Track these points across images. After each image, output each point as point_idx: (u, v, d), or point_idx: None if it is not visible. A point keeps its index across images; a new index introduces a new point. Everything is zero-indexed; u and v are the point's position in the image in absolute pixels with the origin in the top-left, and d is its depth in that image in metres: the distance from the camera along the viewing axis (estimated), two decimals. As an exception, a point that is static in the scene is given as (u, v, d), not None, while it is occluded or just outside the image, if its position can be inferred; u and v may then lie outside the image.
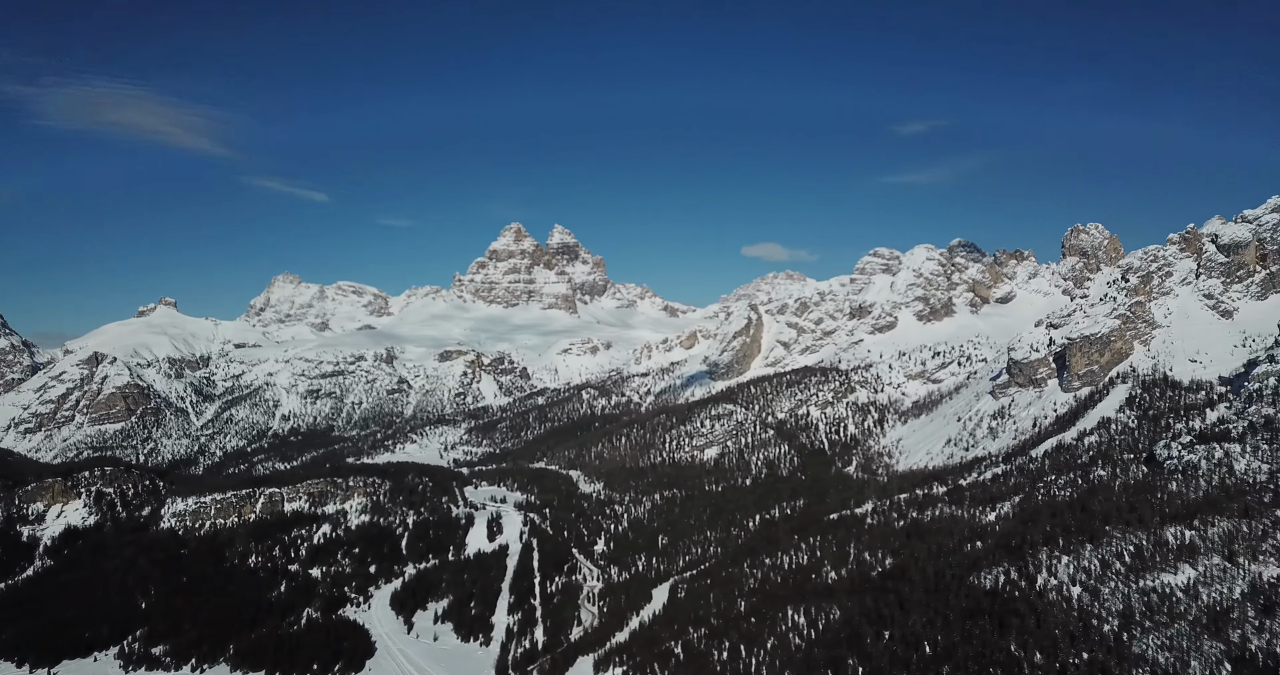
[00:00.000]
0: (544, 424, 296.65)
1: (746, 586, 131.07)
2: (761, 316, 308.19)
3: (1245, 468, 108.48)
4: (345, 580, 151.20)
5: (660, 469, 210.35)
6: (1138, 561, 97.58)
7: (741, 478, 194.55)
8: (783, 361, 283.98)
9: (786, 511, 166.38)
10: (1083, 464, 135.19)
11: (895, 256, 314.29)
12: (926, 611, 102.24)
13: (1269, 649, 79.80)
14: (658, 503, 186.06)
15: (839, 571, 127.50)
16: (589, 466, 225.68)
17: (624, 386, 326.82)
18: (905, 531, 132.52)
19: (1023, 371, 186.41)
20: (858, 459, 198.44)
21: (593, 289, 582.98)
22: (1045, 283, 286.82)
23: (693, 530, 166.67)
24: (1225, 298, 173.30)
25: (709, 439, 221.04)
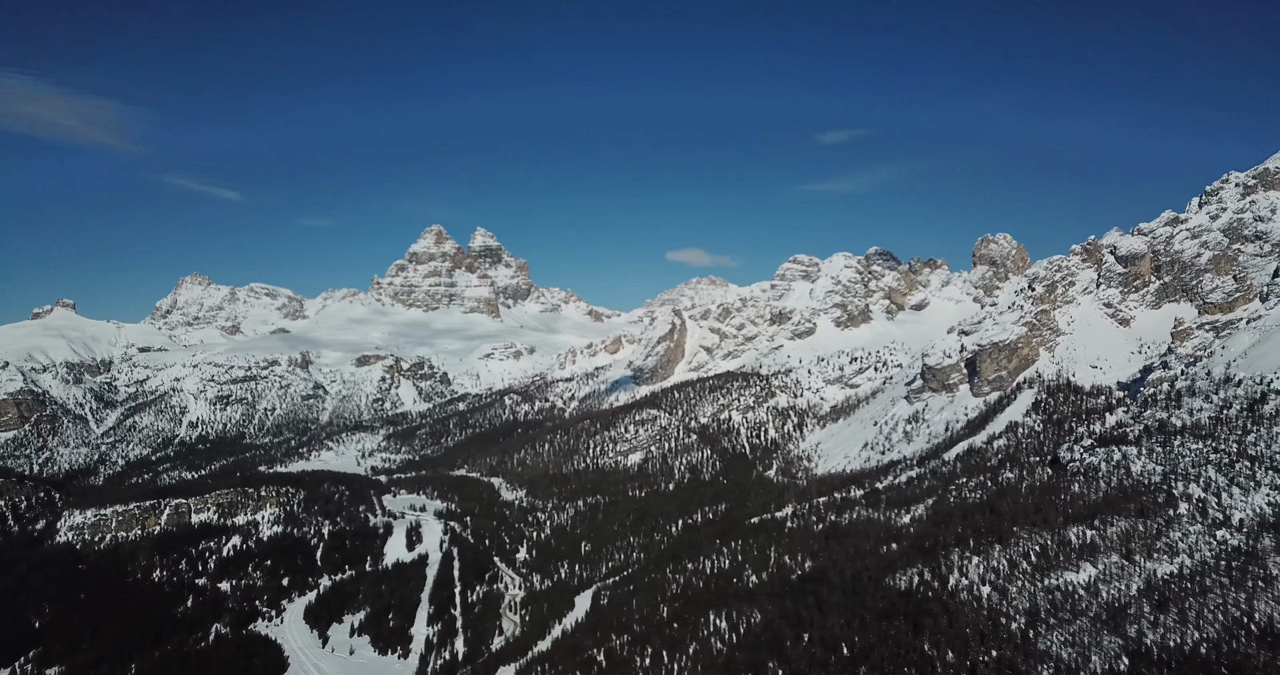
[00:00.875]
0: (465, 430, 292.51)
1: (669, 592, 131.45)
2: (685, 322, 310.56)
3: (1141, 469, 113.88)
4: (256, 593, 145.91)
5: (584, 475, 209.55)
6: (1043, 561, 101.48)
7: (665, 483, 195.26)
8: (706, 366, 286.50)
9: (709, 516, 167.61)
10: (992, 467, 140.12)
11: (815, 263, 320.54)
12: (844, 613, 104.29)
13: (1163, 643, 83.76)
14: (581, 509, 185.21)
15: (760, 575, 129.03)
16: (511, 473, 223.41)
17: (548, 392, 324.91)
18: (824, 534, 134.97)
19: (936, 377, 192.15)
20: (778, 463, 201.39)
21: (516, 293, 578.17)
22: (957, 290, 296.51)
23: (616, 536, 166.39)
24: (1123, 306, 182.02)
25: (633, 444, 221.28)
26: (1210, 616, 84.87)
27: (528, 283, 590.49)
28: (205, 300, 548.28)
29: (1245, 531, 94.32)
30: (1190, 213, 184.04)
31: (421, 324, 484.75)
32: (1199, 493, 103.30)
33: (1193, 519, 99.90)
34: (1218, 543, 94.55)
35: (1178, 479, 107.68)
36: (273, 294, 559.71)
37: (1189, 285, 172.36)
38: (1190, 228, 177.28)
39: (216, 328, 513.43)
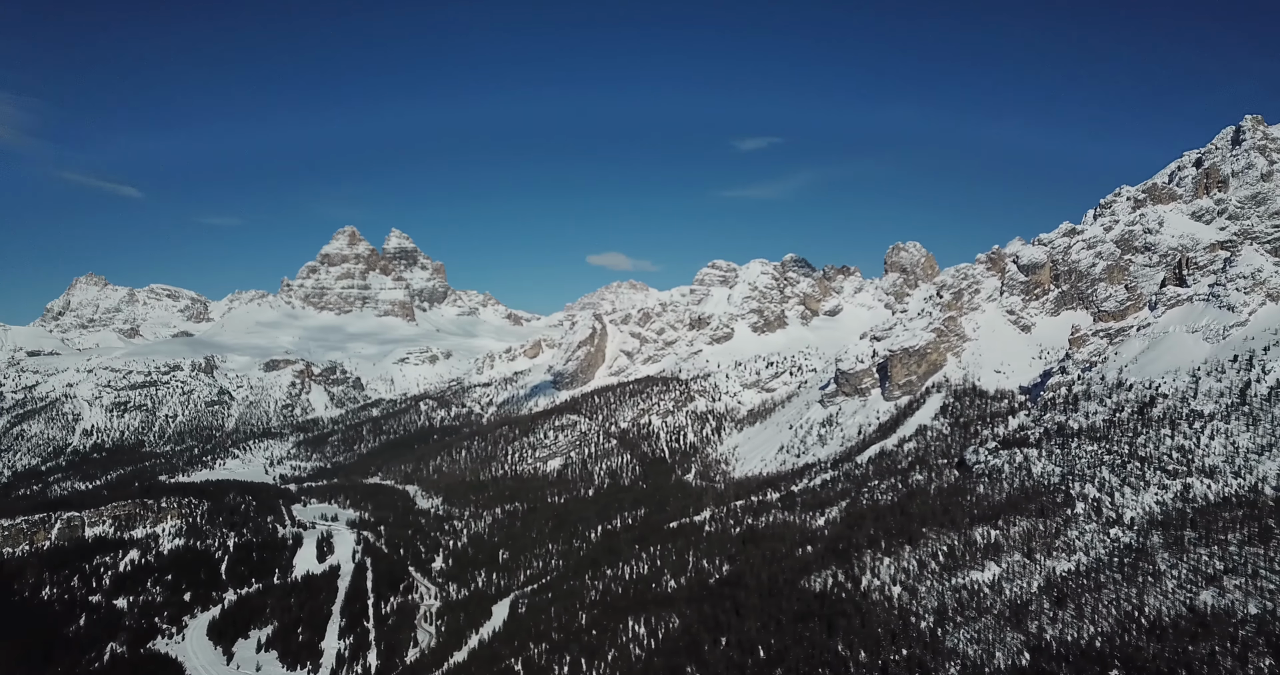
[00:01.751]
0: (379, 437, 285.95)
1: (588, 599, 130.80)
2: (606, 326, 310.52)
3: (1041, 471, 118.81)
4: (156, 610, 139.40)
5: (502, 482, 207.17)
6: (950, 560, 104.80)
7: (584, 488, 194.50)
8: (626, 371, 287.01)
9: (628, 521, 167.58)
10: (902, 469, 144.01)
11: (732, 269, 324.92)
12: (761, 616, 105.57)
13: (1062, 637, 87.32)
14: (499, 517, 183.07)
15: (679, 580, 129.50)
16: (427, 481, 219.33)
17: (465, 397, 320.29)
18: (741, 538, 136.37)
19: (849, 381, 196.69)
20: (697, 467, 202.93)
21: (432, 296, 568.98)
22: (869, 297, 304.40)
23: (535, 544, 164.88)
24: (1025, 313, 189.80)
25: (552, 450, 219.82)
26: (1104, 611, 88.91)
27: (444, 285, 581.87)
28: (101, 302, 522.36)
29: (1136, 529, 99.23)
30: (1086, 224, 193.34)
31: (334, 328, 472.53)
32: (1094, 492, 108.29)
33: (1088, 518, 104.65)
34: (1111, 540, 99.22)
35: (1075, 479, 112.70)
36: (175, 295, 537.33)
37: (1085, 294, 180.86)
38: (1086, 239, 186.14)
39: (114, 330, 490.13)
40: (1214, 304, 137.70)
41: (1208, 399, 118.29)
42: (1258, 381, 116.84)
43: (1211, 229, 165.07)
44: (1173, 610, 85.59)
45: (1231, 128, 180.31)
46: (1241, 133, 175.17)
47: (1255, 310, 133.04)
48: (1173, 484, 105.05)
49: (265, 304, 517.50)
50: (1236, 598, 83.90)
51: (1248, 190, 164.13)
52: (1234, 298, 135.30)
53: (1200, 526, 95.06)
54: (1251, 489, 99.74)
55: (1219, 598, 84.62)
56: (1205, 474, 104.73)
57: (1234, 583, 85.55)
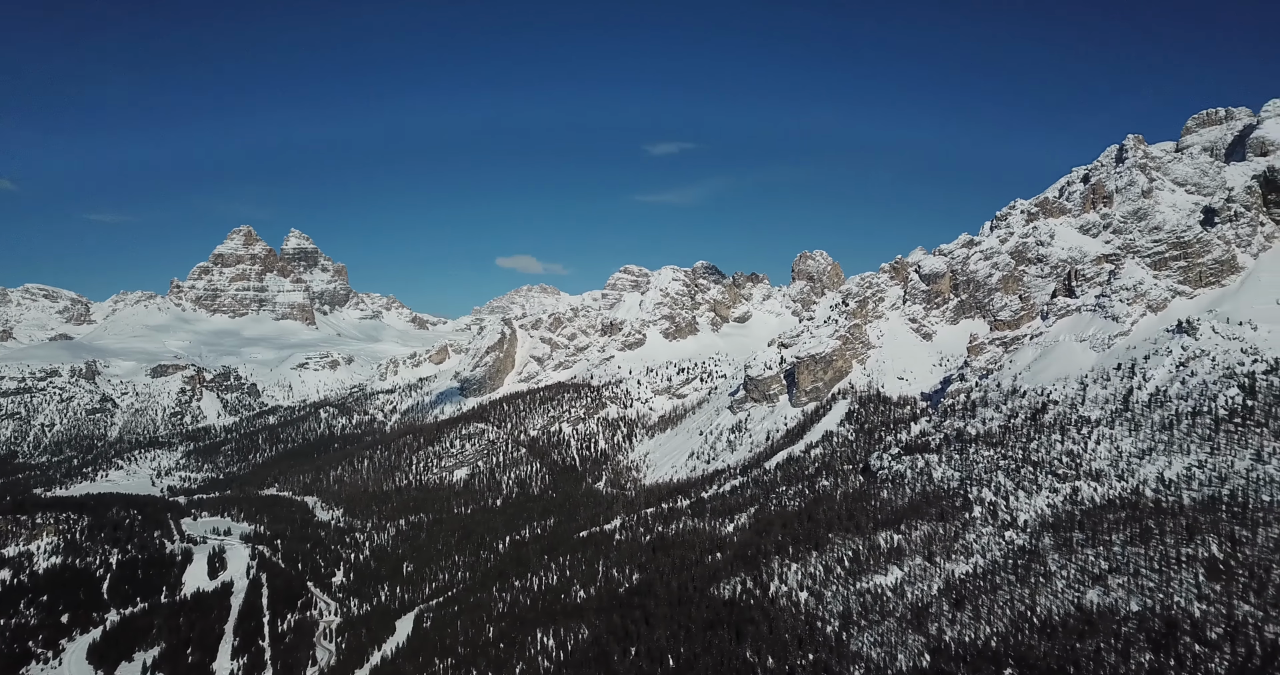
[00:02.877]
0: (276, 446, 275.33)
1: (496, 611, 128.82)
2: (516, 331, 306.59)
3: (941, 476, 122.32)
4: (29, 633, 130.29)
5: (406, 492, 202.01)
6: (855, 565, 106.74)
7: (492, 498, 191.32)
8: (536, 377, 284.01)
9: (537, 531, 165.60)
10: (810, 475, 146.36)
11: (644, 274, 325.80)
12: (671, 625, 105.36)
13: (960, 638, 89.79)
14: (403, 528, 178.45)
15: (588, 590, 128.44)
16: (327, 492, 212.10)
17: (367, 404, 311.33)
18: (651, 546, 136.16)
19: (758, 388, 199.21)
20: (607, 474, 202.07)
21: (333, 299, 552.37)
22: (778, 304, 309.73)
23: (440, 556, 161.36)
24: (926, 321, 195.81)
25: (459, 459, 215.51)
26: (1000, 612, 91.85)
27: (346, 288, 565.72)
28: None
29: (1029, 532, 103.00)
30: (983, 236, 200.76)
31: (228, 332, 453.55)
32: (991, 496, 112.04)
33: (985, 521, 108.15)
34: (1006, 543, 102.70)
35: (973, 484, 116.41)
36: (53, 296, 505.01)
37: (982, 303, 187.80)
38: (983, 250, 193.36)
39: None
40: (1100, 314, 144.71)
41: (1094, 405, 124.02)
42: (1139, 388, 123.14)
43: (1098, 242, 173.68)
44: (1062, 609, 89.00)
45: (1115, 146, 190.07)
46: (1124, 151, 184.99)
47: (1137, 320, 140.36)
48: (1062, 487, 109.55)
49: (153, 306, 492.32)
50: (1120, 596, 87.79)
51: (1130, 206, 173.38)
52: (1118, 309, 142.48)
53: (1087, 528, 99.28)
54: (1134, 491, 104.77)
55: (1104, 596, 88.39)
56: (1092, 477, 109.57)
57: (1117, 581, 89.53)
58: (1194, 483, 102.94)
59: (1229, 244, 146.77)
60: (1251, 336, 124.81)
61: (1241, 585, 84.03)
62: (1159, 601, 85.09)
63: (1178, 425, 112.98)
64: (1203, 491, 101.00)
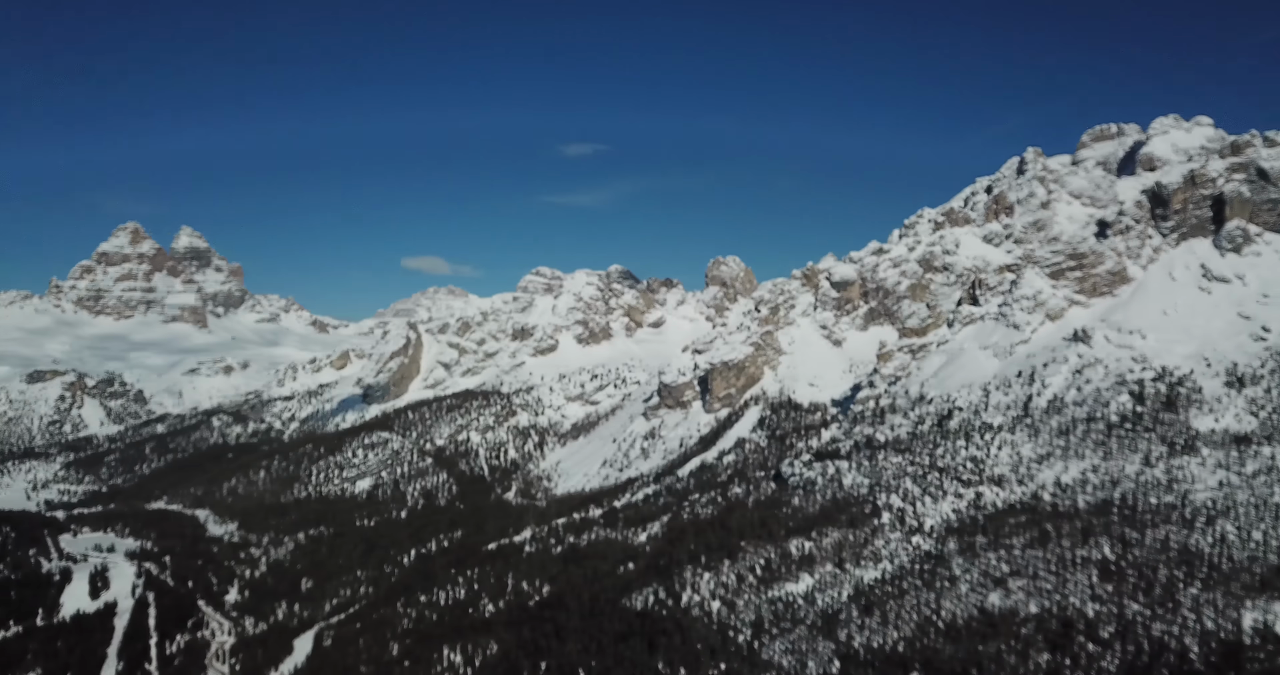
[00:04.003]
0: (164, 456, 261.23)
1: (400, 628, 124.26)
2: (421, 336, 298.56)
3: (851, 482, 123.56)
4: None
5: (305, 504, 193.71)
6: (768, 573, 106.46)
7: (397, 510, 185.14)
8: (443, 384, 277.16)
9: (444, 544, 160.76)
10: (722, 482, 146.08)
11: (557, 276, 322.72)
12: (582, 637, 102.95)
13: (868, 644, 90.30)
14: (302, 542, 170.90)
15: (497, 603, 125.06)
16: (220, 504, 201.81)
17: (264, 412, 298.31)
18: (563, 557, 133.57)
19: (671, 394, 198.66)
20: (518, 484, 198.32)
21: (228, 301, 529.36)
22: (692, 310, 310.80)
23: (342, 570, 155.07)
24: (837, 328, 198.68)
25: (362, 469, 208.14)
26: (907, 617, 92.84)
27: (242, 289, 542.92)
28: None
29: (935, 537, 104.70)
30: (892, 244, 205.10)
31: (115, 336, 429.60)
32: (899, 503, 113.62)
33: (893, 527, 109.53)
34: (913, 548, 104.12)
35: (882, 490, 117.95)
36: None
37: (891, 310, 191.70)
38: (892, 258, 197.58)
39: None
40: (1002, 323, 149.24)
41: (997, 412, 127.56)
42: (1038, 395, 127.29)
43: (1000, 252, 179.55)
44: (966, 613, 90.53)
45: (1017, 158, 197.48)
46: (1025, 164, 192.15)
47: (1036, 329, 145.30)
48: (967, 493, 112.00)
49: (29, 307, 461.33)
50: (1020, 598, 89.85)
51: (1030, 217, 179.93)
52: (1019, 317, 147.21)
53: (990, 532, 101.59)
54: (1033, 496, 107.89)
55: (1005, 599, 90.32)
56: (995, 482, 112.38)
57: (1018, 584, 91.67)
58: (1088, 487, 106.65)
59: (1121, 256, 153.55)
60: (1141, 345, 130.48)
61: (1131, 585, 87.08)
62: (1056, 603, 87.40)
63: (1074, 431, 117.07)
64: (1096, 495, 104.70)
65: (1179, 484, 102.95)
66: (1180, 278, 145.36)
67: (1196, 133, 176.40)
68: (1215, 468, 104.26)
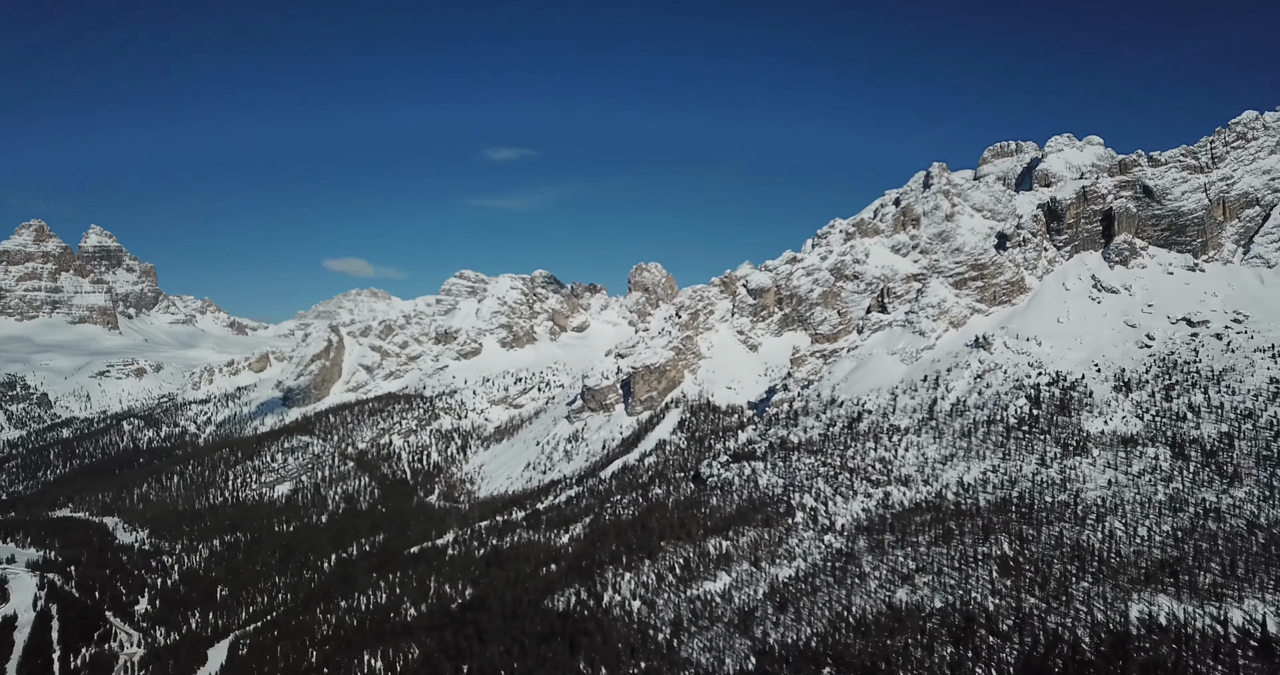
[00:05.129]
0: (70, 462, 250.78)
1: (320, 634, 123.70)
2: (343, 338, 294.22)
3: (767, 482, 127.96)
4: None
5: (221, 510, 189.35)
6: (686, 572, 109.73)
7: (317, 515, 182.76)
8: (365, 387, 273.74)
9: (366, 548, 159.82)
10: (643, 483, 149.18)
11: (482, 280, 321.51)
12: (504, 640, 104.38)
13: (783, 640, 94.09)
14: (217, 549, 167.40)
15: (419, 607, 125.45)
16: (130, 512, 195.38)
17: (178, 415, 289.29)
18: (485, 560, 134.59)
19: (595, 397, 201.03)
20: (440, 487, 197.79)
21: (140, 301, 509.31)
22: (615, 314, 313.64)
23: (259, 577, 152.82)
24: (753, 333, 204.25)
25: (281, 474, 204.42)
26: (819, 613, 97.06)
27: (156, 290, 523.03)
28: None
29: (846, 535, 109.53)
30: (805, 253, 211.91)
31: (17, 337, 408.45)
32: (812, 502, 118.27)
33: (807, 526, 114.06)
34: (826, 546, 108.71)
35: (795, 490, 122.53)
36: None
37: (804, 317, 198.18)
38: (805, 266, 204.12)
39: None
40: (909, 330, 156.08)
41: (904, 415, 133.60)
42: (942, 399, 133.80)
43: (907, 262, 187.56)
44: (875, 608, 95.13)
45: (923, 172, 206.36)
46: (930, 177, 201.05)
47: (941, 336, 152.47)
48: (876, 492, 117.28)
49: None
50: (925, 594, 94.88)
51: (935, 228, 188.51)
52: (924, 324, 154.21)
53: (897, 530, 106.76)
54: (937, 495, 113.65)
55: (912, 594, 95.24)
56: (902, 482, 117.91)
57: (923, 580, 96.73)
58: (989, 486, 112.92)
59: (1018, 267, 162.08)
60: (1037, 351, 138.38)
61: (1028, 580, 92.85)
62: (959, 597, 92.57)
63: (975, 433, 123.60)
64: (996, 494, 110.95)
65: (1072, 483, 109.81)
66: (1073, 288, 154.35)
67: (1088, 151, 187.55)
68: (1104, 468, 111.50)
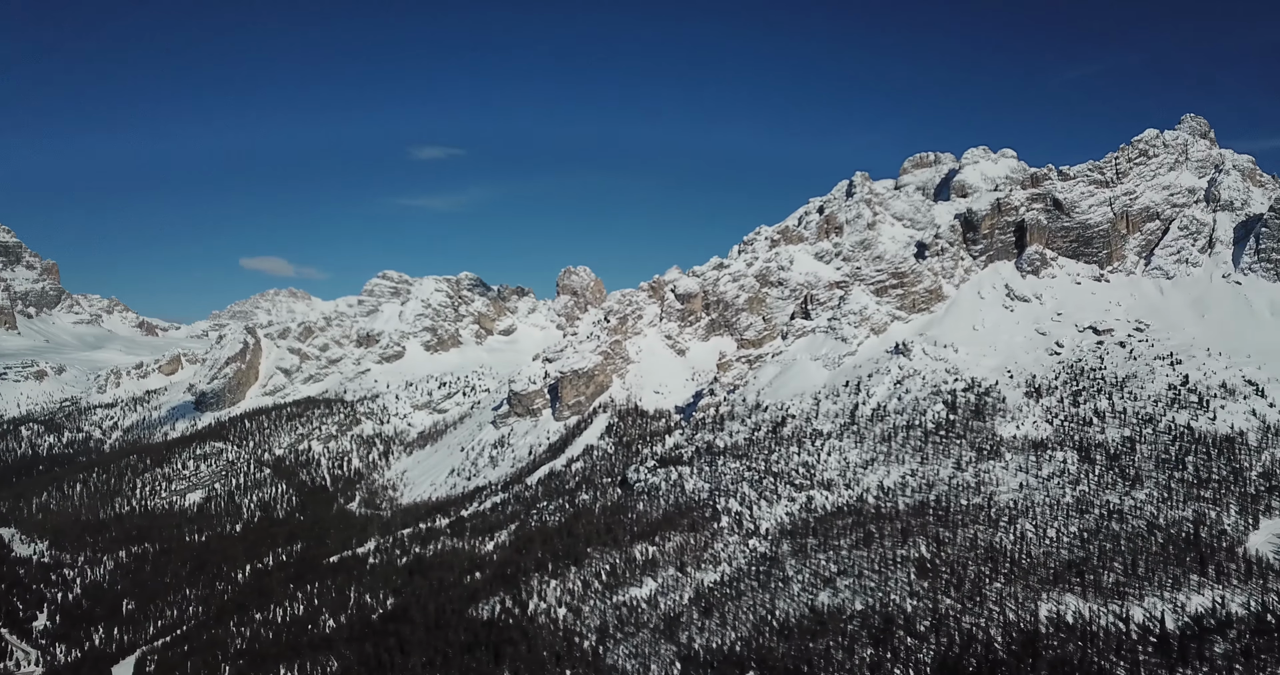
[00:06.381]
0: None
1: (233, 648, 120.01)
2: (260, 340, 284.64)
3: (693, 487, 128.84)
4: None
5: (128, 520, 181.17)
6: (613, 579, 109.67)
7: (231, 524, 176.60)
8: (283, 391, 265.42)
9: (283, 558, 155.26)
10: (570, 489, 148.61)
11: (406, 281, 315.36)
12: (427, 650, 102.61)
13: (708, 645, 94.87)
14: (123, 561, 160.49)
15: (338, 619, 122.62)
16: (29, 522, 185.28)
17: (82, 420, 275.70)
18: (408, 568, 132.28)
19: (521, 402, 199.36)
20: (362, 494, 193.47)
21: (41, 300, 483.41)
22: (543, 318, 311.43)
23: (169, 590, 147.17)
24: (680, 338, 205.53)
25: (193, 481, 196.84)
26: (744, 617, 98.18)
27: (59, 288, 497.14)
28: None
29: (770, 539, 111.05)
30: (732, 259, 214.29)
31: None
32: (737, 506, 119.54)
33: (732, 530, 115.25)
34: (750, 551, 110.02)
35: (721, 495, 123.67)
36: None
37: (731, 322, 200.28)
38: (732, 272, 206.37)
39: None
40: (831, 336, 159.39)
41: (826, 419, 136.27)
42: (864, 404, 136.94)
43: (830, 269, 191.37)
44: (798, 611, 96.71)
45: (846, 181, 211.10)
46: (853, 186, 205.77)
47: (863, 342, 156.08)
48: (799, 496, 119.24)
49: None
50: (846, 596, 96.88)
51: (857, 237, 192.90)
52: (846, 331, 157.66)
53: (820, 534, 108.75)
54: (858, 499, 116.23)
55: (833, 597, 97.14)
56: (824, 486, 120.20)
57: (845, 583, 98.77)
58: (908, 489, 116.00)
59: (937, 275, 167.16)
60: (954, 358, 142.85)
61: (944, 581, 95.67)
62: (879, 599, 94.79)
63: (895, 437, 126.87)
64: (914, 497, 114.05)
65: (985, 486, 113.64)
66: (988, 296, 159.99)
67: (1002, 164, 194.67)
68: (1016, 471, 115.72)
